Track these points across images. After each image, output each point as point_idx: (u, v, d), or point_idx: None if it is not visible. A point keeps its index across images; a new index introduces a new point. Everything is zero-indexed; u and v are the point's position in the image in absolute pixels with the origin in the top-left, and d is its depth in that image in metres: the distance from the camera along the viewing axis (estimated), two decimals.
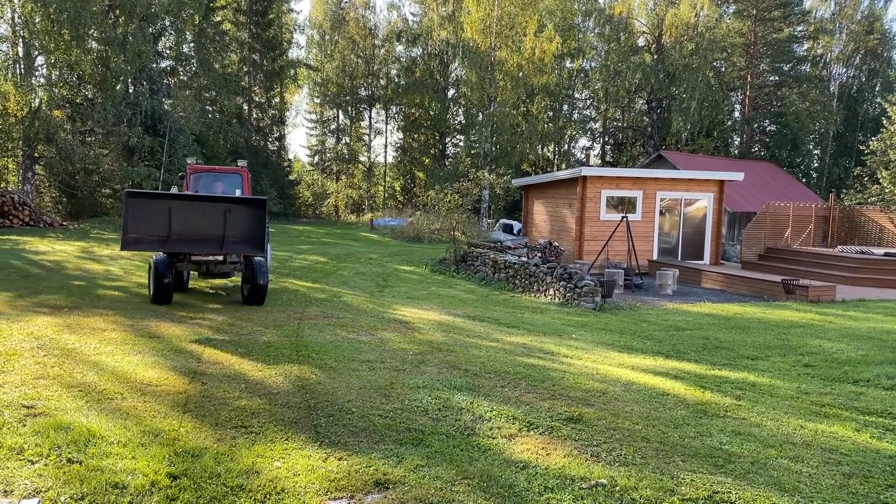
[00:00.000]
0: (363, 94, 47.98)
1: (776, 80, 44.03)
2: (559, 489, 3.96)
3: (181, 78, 36.51)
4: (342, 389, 5.83)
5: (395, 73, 48.30)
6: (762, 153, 42.36)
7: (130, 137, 28.29)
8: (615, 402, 5.87)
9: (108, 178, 30.30)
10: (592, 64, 46.07)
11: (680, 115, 38.03)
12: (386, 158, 52.91)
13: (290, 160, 53.52)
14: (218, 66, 38.20)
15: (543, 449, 4.60)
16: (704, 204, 19.80)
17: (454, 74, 45.80)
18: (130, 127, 28.64)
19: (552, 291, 13.68)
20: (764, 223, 20.95)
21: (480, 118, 38.08)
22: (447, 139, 48.37)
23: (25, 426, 4.53)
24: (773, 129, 43.55)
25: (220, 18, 39.97)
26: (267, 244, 10.88)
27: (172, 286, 10.25)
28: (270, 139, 47.56)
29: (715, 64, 39.96)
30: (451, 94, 46.15)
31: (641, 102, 45.09)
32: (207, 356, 6.88)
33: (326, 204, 48.22)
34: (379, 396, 5.67)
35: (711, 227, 19.84)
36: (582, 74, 46.68)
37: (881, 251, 18.80)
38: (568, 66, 46.70)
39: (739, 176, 20.44)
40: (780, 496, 4.00)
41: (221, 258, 10.76)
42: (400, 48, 48.01)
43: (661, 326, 10.68)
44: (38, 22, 25.96)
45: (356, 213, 48.93)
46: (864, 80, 45.10)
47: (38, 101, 27.25)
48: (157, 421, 4.81)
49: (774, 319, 11.45)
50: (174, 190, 12.73)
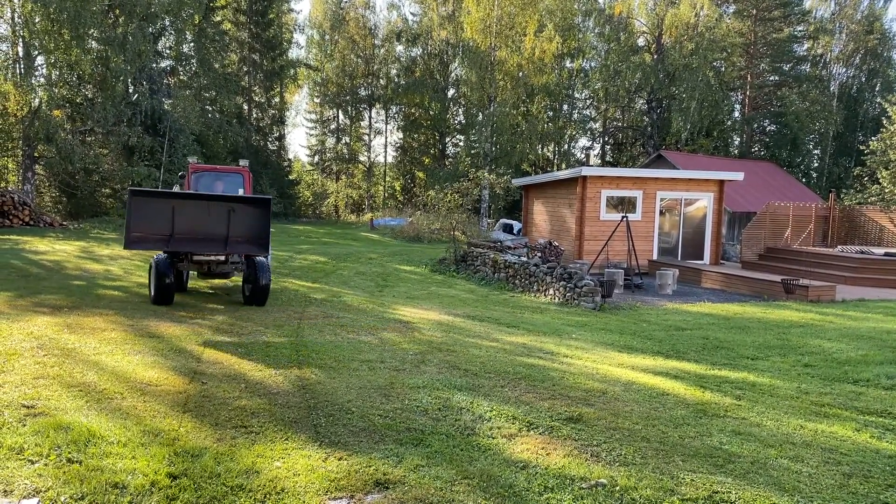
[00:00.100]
0: (363, 93, 47.99)
1: (776, 79, 44.04)
2: (559, 489, 3.96)
3: (181, 78, 36.51)
4: (342, 389, 5.84)
5: (394, 72, 48.31)
6: (762, 153, 42.36)
7: (130, 137, 28.31)
8: (615, 401, 5.87)
9: (108, 177, 30.30)
10: (592, 64, 46.06)
11: (680, 114, 38.02)
12: (386, 158, 52.97)
13: (290, 160, 53.53)
14: (218, 65, 38.20)
15: (543, 449, 4.60)
16: (704, 204, 19.80)
17: (454, 74, 45.81)
18: (130, 127, 28.65)
19: (552, 291, 13.69)
20: (764, 223, 20.94)
21: (480, 118, 38.06)
22: (447, 139, 48.38)
23: (25, 426, 4.53)
24: (773, 128, 43.55)
25: (219, 18, 39.97)
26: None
27: (174, 286, 10.09)
28: (270, 139, 47.56)
29: (715, 64, 39.94)
30: (451, 93, 46.16)
31: (641, 102, 45.08)
32: (207, 356, 6.88)
33: (326, 204, 48.23)
34: (379, 396, 5.68)
35: (711, 226, 19.84)
36: (582, 74, 46.67)
37: (881, 251, 18.80)
38: (568, 65, 46.69)
39: (739, 176, 20.44)
40: (780, 496, 4.00)
41: (223, 258, 10.63)
42: (400, 48, 48.04)
43: (660, 326, 10.68)
44: (37, 22, 25.95)
45: (356, 212, 48.94)
46: (864, 79, 45.09)
47: (38, 100, 27.25)
48: (156, 421, 4.81)
49: (774, 319, 11.46)
50: (176, 189, 12.63)
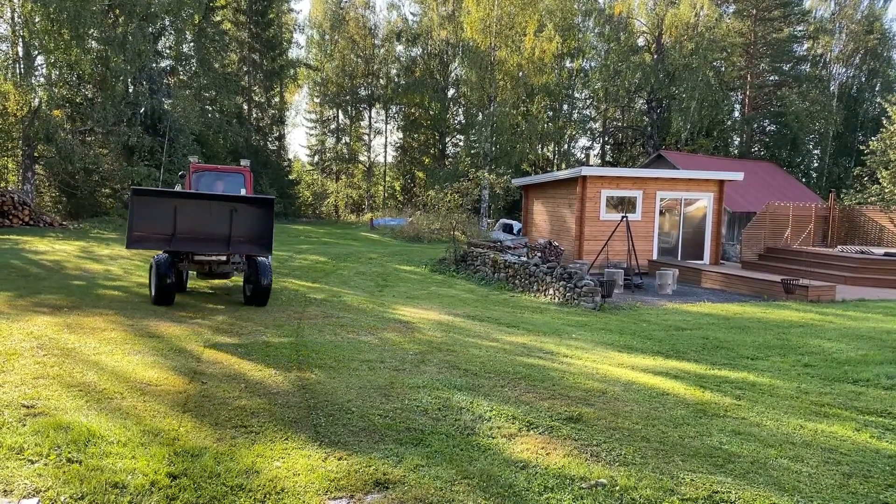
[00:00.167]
0: (363, 93, 48.00)
1: (776, 79, 44.05)
2: (559, 489, 3.96)
3: (181, 77, 36.50)
4: (342, 389, 5.83)
5: (394, 72, 48.32)
6: (762, 153, 42.37)
7: (130, 137, 28.30)
8: (615, 401, 5.87)
9: (107, 177, 30.29)
10: (592, 64, 46.07)
11: (680, 114, 38.02)
12: (386, 158, 52.97)
13: (289, 160, 53.52)
14: (218, 65, 38.20)
15: (543, 448, 4.60)
16: (704, 204, 19.80)
17: (454, 74, 45.82)
18: (130, 126, 28.65)
19: (552, 291, 13.68)
20: (764, 223, 20.95)
21: (480, 118, 38.06)
22: (447, 139, 48.39)
23: (25, 426, 4.53)
24: (772, 128, 43.55)
25: (219, 18, 39.97)
26: None
27: (175, 287, 10.00)
28: (270, 139, 47.55)
29: (715, 64, 39.95)
30: (450, 93, 46.16)
31: (641, 102, 45.09)
32: (207, 356, 6.88)
33: (326, 204, 48.23)
34: (379, 396, 5.68)
35: (711, 226, 19.84)
36: (582, 74, 46.68)
37: (881, 251, 18.80)
38: (568, 65, 46.70)
39: (739, 176, 20.44)
40: (779, 496, 4.00)
41: (225, 258, 10.56)
42: (400, 48, 48.05)
43: (660, 326, 10.68)
44: (37, 21, 25.94)
45: (356, 212, 48.94)
46: (863, 79, 45.11)
47: (37, 100, 27.24)
48: (156, 420, 4.81)
49: (774, 319, 11.46)
50: (178, 189, 12.57)
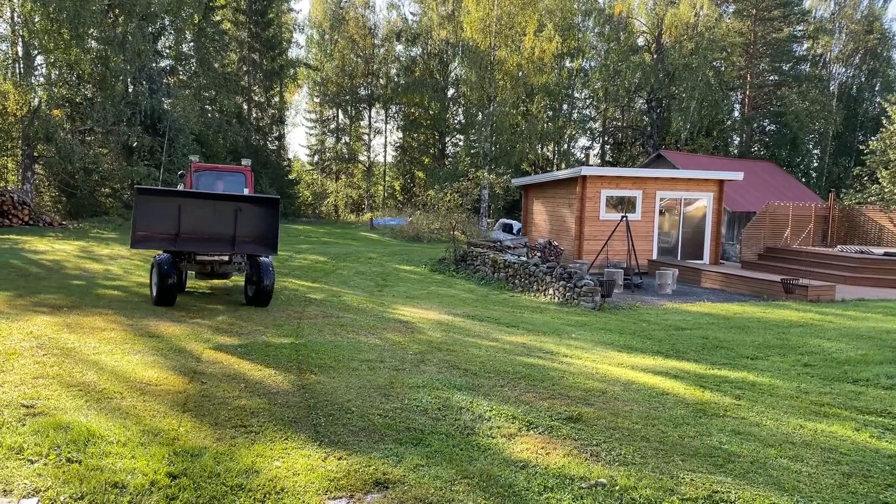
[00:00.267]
0: (363, 93, 47.99)
1: (776, 79, 44.06)
2: (559, 488, 3.96)
3: (181, 77, 36.47)
4: (342, 389, 5.83)
5: (394, 72, 48.32)
6: (762, 153, 42.38)
7: (130, 137, 28.29)
8: (615, 401, 5.87)
9: (107, 177, 30.28)
10: (592, 63, 46.08)
11: (679, 114, 38.02)
12: (385, 158, 52.97)
13: (289, 159, 53.49)
14: (217, 65, 38.16)
15: (543, 448, 4.60)
16: (704, 203, 19.80)
17: (454, 74, 45.82)
18: (130, 126, 28.63)
19: (552, 291, 13.68)
20: (763, 223, 20.95)
21: (480, 118, 38.06)
22: (447, 139, 48.38)
23: (25, 425, 4.52)
24: (772, 128, 43.57)
25: (219, 18, 39.92)
26: None
27: (177, 287, 9.90)
28: (270, 139, 47.51)
29: (715, 63, 39.95)
30: (450, 93, 46.16)
31: (641, 102, 45.09)
32: (207, 356, 6.87)
33: (326, 203, 48.23)
34: (378, 396, 5.67)
35: (711, 226, 19.84)
36: (581, 74, 46.67)
37: (881, 251, 18.80)
38: (567, 65, 46.69)
39: (739, 175, 20.44)
40: (779, 496, 4.00)
41: (227, 258, 10.46)
42: (399, 48, 48.05)
43: (660, 326, 10.69)
44: (37, 21, 25.94)
45: (356, 212, 48.94)
46: (863, 79, 45.11)
47: (37, 100, 27.23)
48: (156, 420, 4.81)
49: (774, 319, 11.46)
50: (181, 188, 12.54)
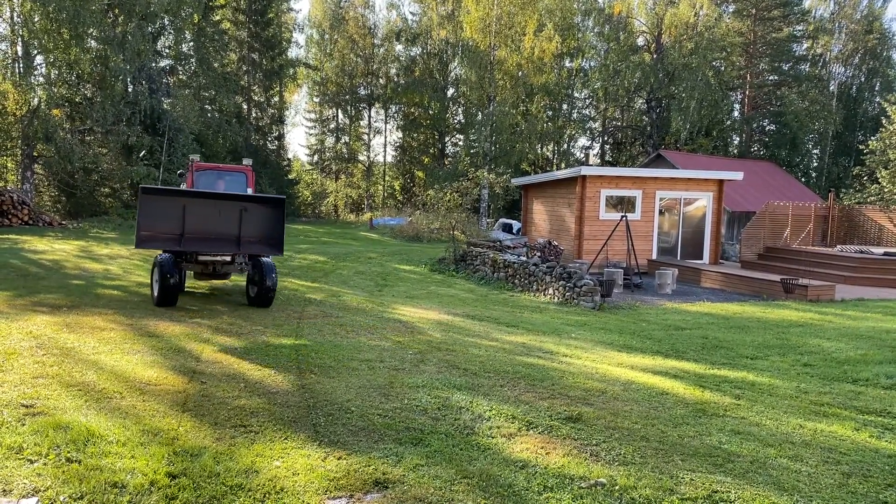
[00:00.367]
0: (362, 93, 48.01)
1: (775, 79, 44.07)
2: (558, 488, 3.96)
3: (180, 77, 36.47)
4: (341, 389, 5.83)
5: (394, 72, 48.32)
6: (761, 152, 42.39)
7: (129, 136, 28.27)
8: (614, 401, 5.87)
9: (107, 177, 30.29)
10: (592, 63, 46.09)
11: (679, 114, 38.03)
12: (385, 158, 52.99)
13: (289, 159, 53.49)
14: (217, 65, 38.15)
15: (543, 448, 4.60)
16: (704, 203, 19.80)
17: (453, 74, 45.82)
18: (129, 126, 28.62)
19: (551, 291, 13.68)
20: (763, 223, 20.95)
21: (480, 117, 38.07)
22: (446, 138, 48.39)
23: (24, 425, 4.52)
24: (772, 128, 43.58)
25: (219, 17, 39.92)
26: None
27: (179, 287, 9.81)
28: (270, 138, 47.51)
29: (714, 63, 39.95)
30: (450, 93, 46.16)
31: (641, 102, 45.09)
32: (206, 355, 6.87)
33: (326, 203, 48.23)
34: (378, 396, 5.67)
35: (711, 226, 19.84)
36: (581, 74, 46.68)
37: (880, 251, 18.80)
38: (567, 65, 46.70)
39: (739, 175, 20.44)
40: (779, 495, 4.00)
41: (229, 258, 10.39)
42: (399, 47, 48.06)
43: (660, 326, 10.68)
44: (37, 21, 25.93)
45: (355, 212, 48.94)
46: (863, 79, 45.14)
47: (37, 99, 27.23)
48: (156, 420, 4.81)
49: (774, 319, 11.46)
50: (184, 188, 12.51)
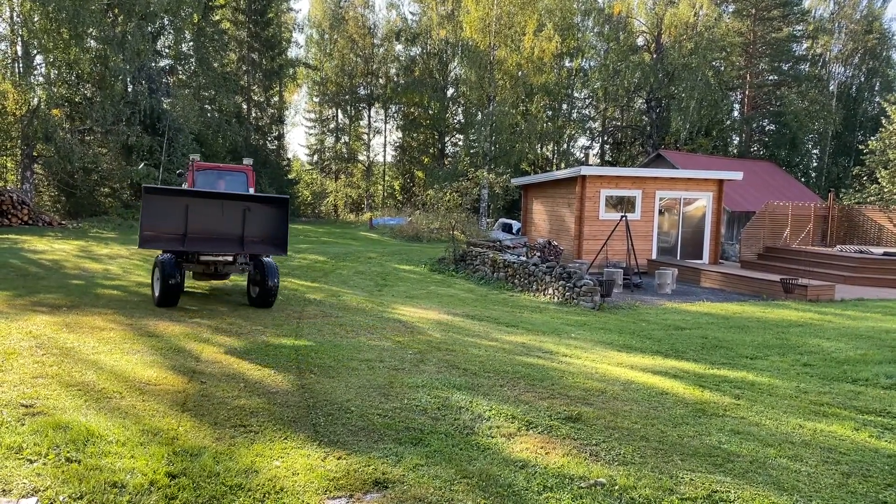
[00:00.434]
0: (362, 93, 48.00)
1: (775, 79, 44.08)
2: (558, 488, 3.96)
3: (180, 77, 36.48)
4: (341, 388, 5.83)
5: (394, 72, 48.31)
6: (761, 152, 42.39)
7: (129, 136, 28.28)
8: (614, 401, 5.87)
9: (107, 176, 30.29)
10: (591, 63, 46.09)
11: (679, 114, 38.03)
12: (385, 157, 52.99)
13: (289, 159, 53.49)
14: (217, 65, 38.15)
15: (542, 448, 4.60)
16: (703, 203, 19.81)
17: (453, 73, 45.82)
18: (129, 126, 28.63)
19: (551, 291, 13.68)
20: (763, 222, 20.96)
21: (479, 117, 38.07)
22: (446, 138, 48.38)
23: (24, 425, 4.52)
24: (772, 128, 43.59)
25: (218, 17, 39.92)
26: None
27: (179, 288, 9.76)
28: (269, 138, 47.50)
29: (714, 63, 39.96)
30: (450, 93, 46.15)
31: (640, 102, 45.10)
32: (206, 355, 6.87)
33: (325, 203, 48.21)
34: (378, 395, 5.67)
35: (710, 226, 19.84)
36: (581, 74, 46.68)
37: (880, 251, 18.81)
38: (567, 65, 46.69)
39: (738, 175, 20.45)
40: (779, 495, 4.00)
41: (231, 258, 10.32)
42: (399, 47, 48.06)
43: (660, 325, 10.69)
44: (36, 21, 25.93)
45: (355, 212, 48.94)
46: (863, 79, 45.16)
47: (36, 99, 27.23)
48: (155, 420, 4.81)
49: (773, 319, 11.46)
50: (185, 187, 12.50)
